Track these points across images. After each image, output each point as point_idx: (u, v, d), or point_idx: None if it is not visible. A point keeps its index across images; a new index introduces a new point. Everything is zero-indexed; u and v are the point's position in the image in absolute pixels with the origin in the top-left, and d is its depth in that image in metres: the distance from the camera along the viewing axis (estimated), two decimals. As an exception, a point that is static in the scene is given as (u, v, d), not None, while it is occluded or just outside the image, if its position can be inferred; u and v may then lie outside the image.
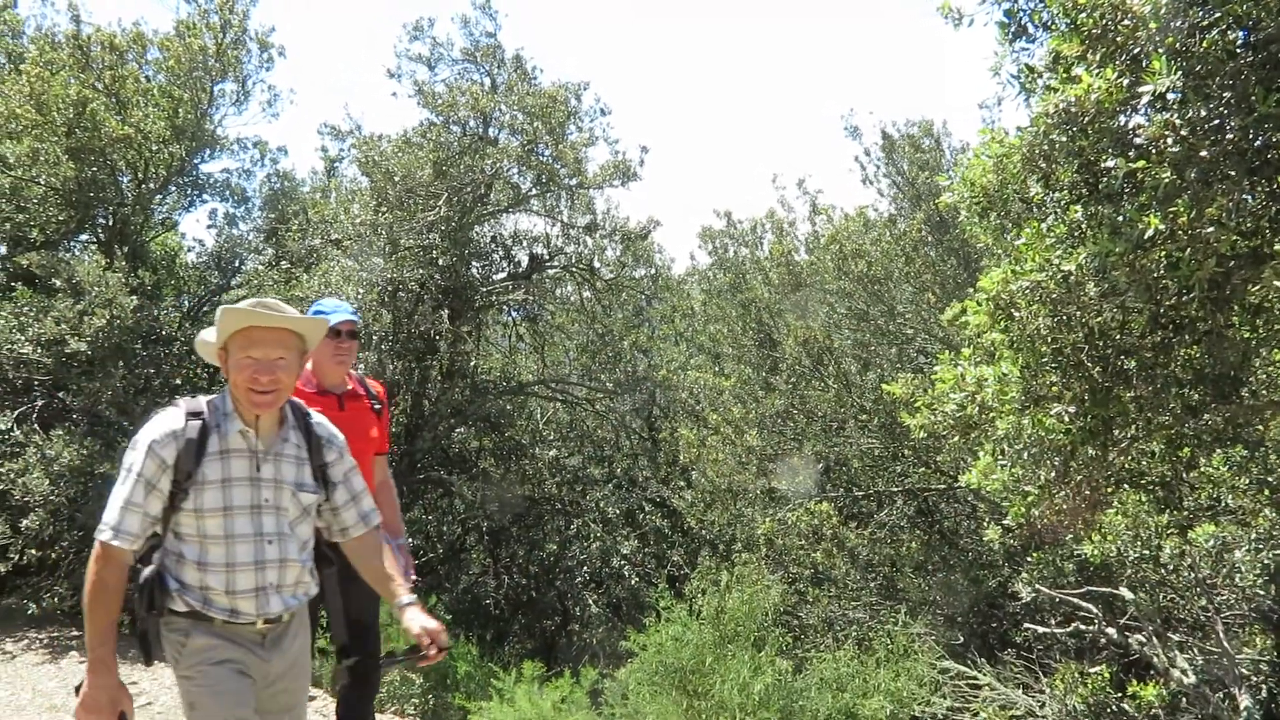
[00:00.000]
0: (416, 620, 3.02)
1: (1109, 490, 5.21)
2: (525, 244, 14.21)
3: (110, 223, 12.26)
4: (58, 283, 10.33)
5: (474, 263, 13.68)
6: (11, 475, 9.02)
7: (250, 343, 2.82)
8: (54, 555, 9.93)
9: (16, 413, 9.70)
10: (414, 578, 3.84)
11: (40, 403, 10.04)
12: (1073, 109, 4.10)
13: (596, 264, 14.31)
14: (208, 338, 2.96)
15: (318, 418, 3.09)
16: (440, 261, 12.12)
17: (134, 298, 10.24)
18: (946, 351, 5.26)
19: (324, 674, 7.12)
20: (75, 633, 9.53)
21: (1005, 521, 5.86)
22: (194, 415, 2.82)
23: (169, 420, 2.80)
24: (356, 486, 3.11)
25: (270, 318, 2.84)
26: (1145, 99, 3.85)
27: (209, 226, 15.54)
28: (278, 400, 2.87)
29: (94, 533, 2.73)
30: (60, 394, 10.14)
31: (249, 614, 2.83)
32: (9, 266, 11.77)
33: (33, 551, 9.43)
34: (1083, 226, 4.43)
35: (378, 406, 4.26)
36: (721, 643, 6.24)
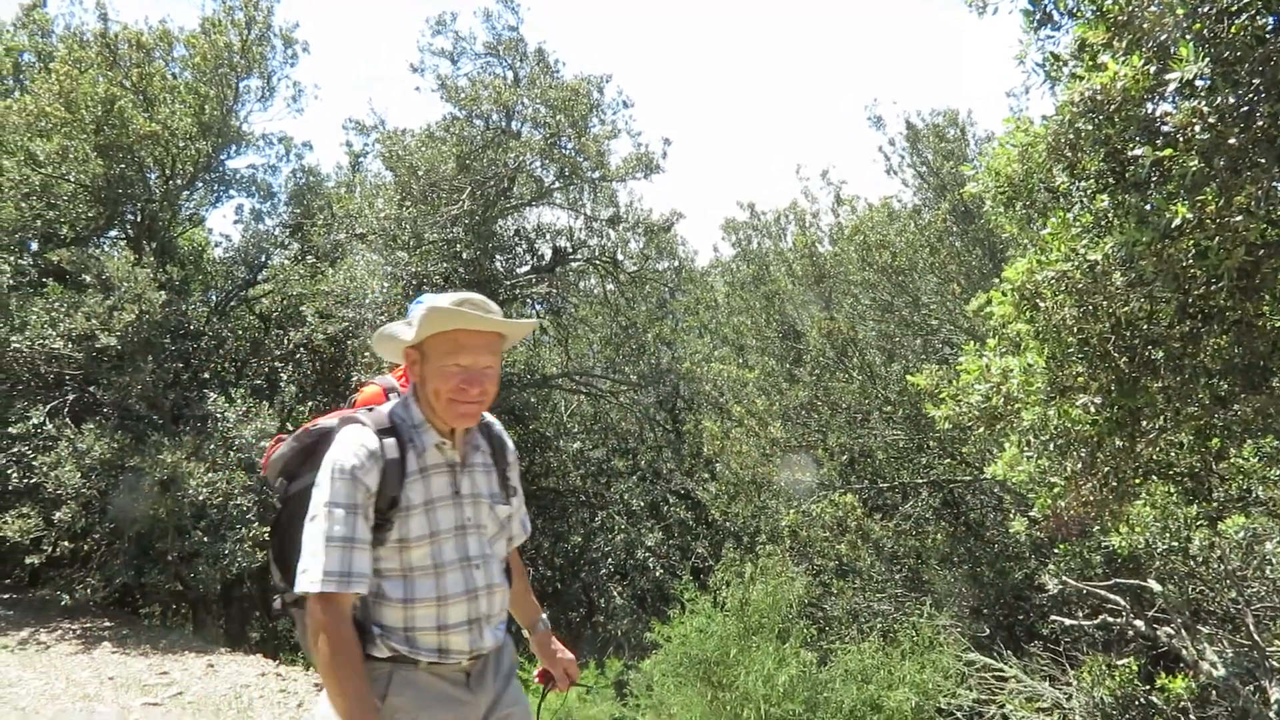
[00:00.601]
0: (552, 649, 2.84)
1: (1137, 482, 5.17)
2: (549, 237, 14.25)
3: (139, 219, 12.40)
4: (88, 278, 10.47)
5: (498, 256, 13.72)
6: (44, 468, 9.15)
7: (457, 347, 2.41)
8: (85, 547, 10.09)
9: (49, 406, 9.84)
10: None
11: (71, 397, 10.18)
12: (1098, 97, 4.06)
13: (620, 257, 14.33)
14: (398, 333, 2.46)
15: (491, 418, 2.70)
16: (464, 255, 12.17)
17: (162, 293, 10.36)
18: (972, 342, 5.22)
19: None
20: (107, 623, 9.68)
21: (1031, 513, 5.83)
22: (386, 432, 2.41)
23: (362, 440, 2.36)
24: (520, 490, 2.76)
25: (483, 320, 2.42)
26: (1172, 86, 3.80)
27: (235, 222, 15.69)
28: (482, 412, 2.51)
29: (299, 587, 2.25)
30: (91, 388, 10.28)
31: (459, 651, 2.43)
32: (40, 263, 11.92)
33: (65, 543, 9.58)
34: (1109, 215, 4.40)
35: None
36: (746, 634, 6.24)
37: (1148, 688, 5.79)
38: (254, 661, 8.31)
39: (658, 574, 12.30)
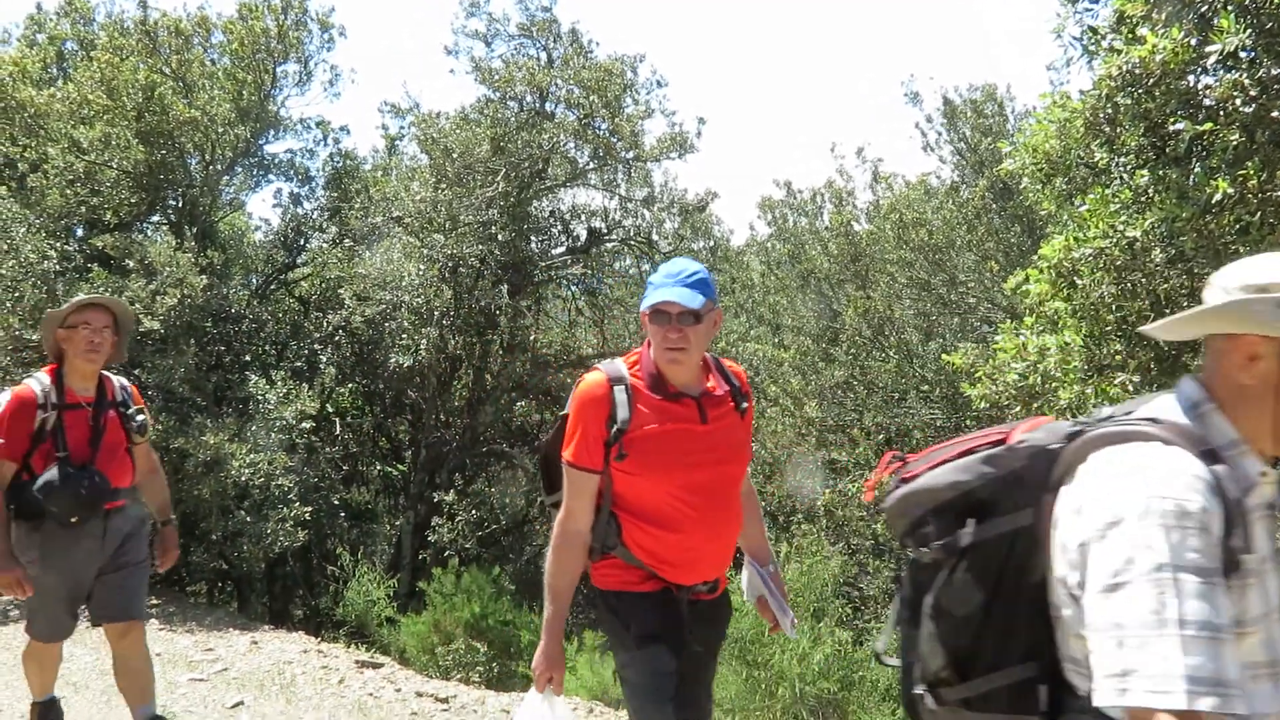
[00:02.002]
0: None
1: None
2: (583, 218, 14.25)
3: (180, 204, 12.57)
4: (131, 264, 10.64)
5: (533, 237, 13.76)
6: (92, 450, 9.33)
7: None
8: (134, 527, 10.29)
9: (95, 389, 10.02)
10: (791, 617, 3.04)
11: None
12: (1137, 70, 4.01)
13: (655, 237, 14.31)
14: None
15: None
16: (499, 237, 12.22)
17: (204, 277, 10.51)
18: (1009, 321, 5.17)
19: None
20: (154, 601, 9.88)
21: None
22: (1208, 455, 1.60)
23: (1189, 466, 1.56)
24: None
25: None
26: (1213, 59, 3.74)
27: (274, 206, 15.83)
28: None
29: (1131, 699, 1.43)
30: (136, 371, 10.46)
31: None
32: (85, 248, 12.14)
33: (114, 523, 9.77)
34: (1149, 191, 4.34)
35: (744, 405, 2.92)
36: (781, 613, 6.26)
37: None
38: (296, 638, 8.46)
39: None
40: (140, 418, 4.19)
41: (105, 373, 4.16)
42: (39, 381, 3.96)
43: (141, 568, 4.26)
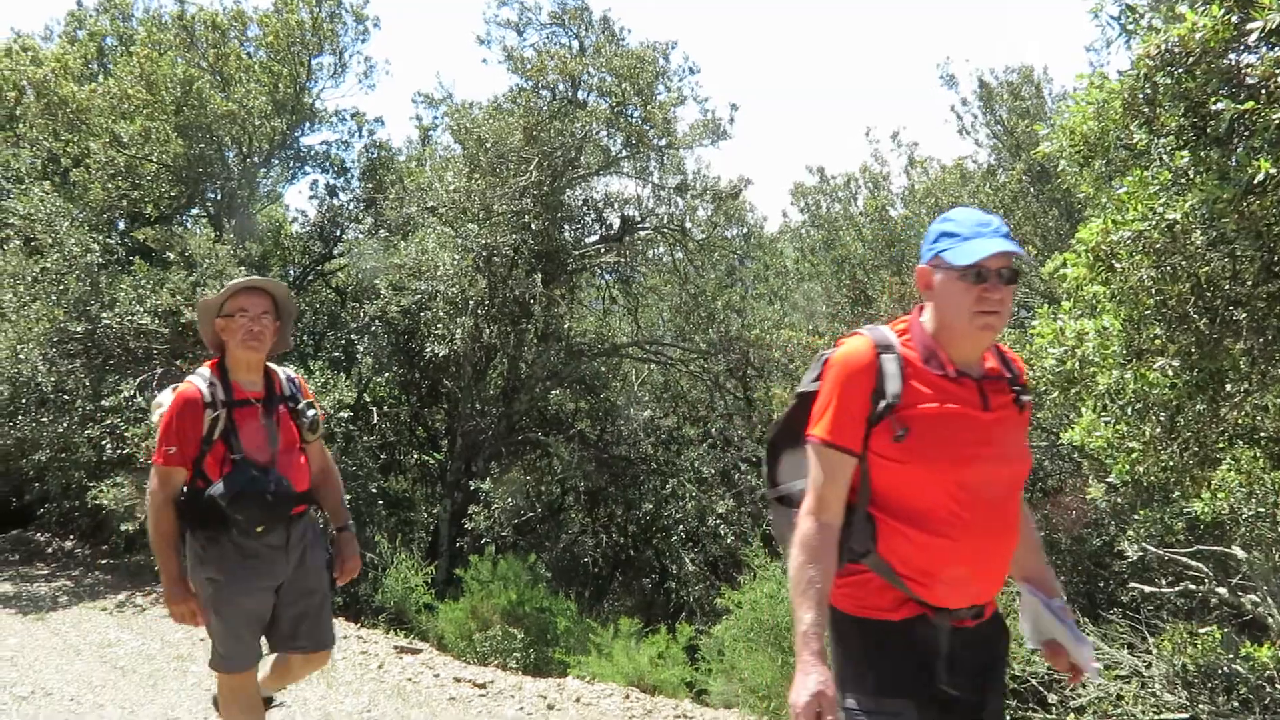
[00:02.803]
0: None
1: (1220, 446, 5.03)
2: (616, 206, 14.26)
3: (218, 196, 12.74)
4: (171, 256, 10.81)
5: (566, 226, 13.79)
6: (135, 439, 9.51)
7: None
8: (176, 515, 10.47)
9: (138, 380, 10.20)
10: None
11: (160, 370, 10.53)
12: (1176, 49, 3.94)
13: (688, 224, 14.29)
14: None
15: None
16: (533, 226, 12.26)
17: (242, 269, 10.64)
18: (1045, 305, 5.12)
19: None
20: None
21: (1109, 479, 5.72)
22: None
23: None
24: None
25: None
26: (1254, 36, 3.66)
27: (311, 197, 15.99)
28: None
29: None
30: (178, 362, 10.62)
31: None
32: (127, 241, 12.34)
33: (158, 511, 9.94)
34: (1189, 173, 4.26)
35: (1024, 399, 2.47)
36: (816, 600, 6.25)
37: (1231, 656, 5.66)
38: (336, 624, 8.56)
39: (729, 541, 12.34)
40: (311, 413, 3.74)
41: (270, 364, 3.74)
42: (202, 378, 3.56)
43: (327, 586, 3.82)
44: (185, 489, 3.51)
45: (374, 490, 11.79)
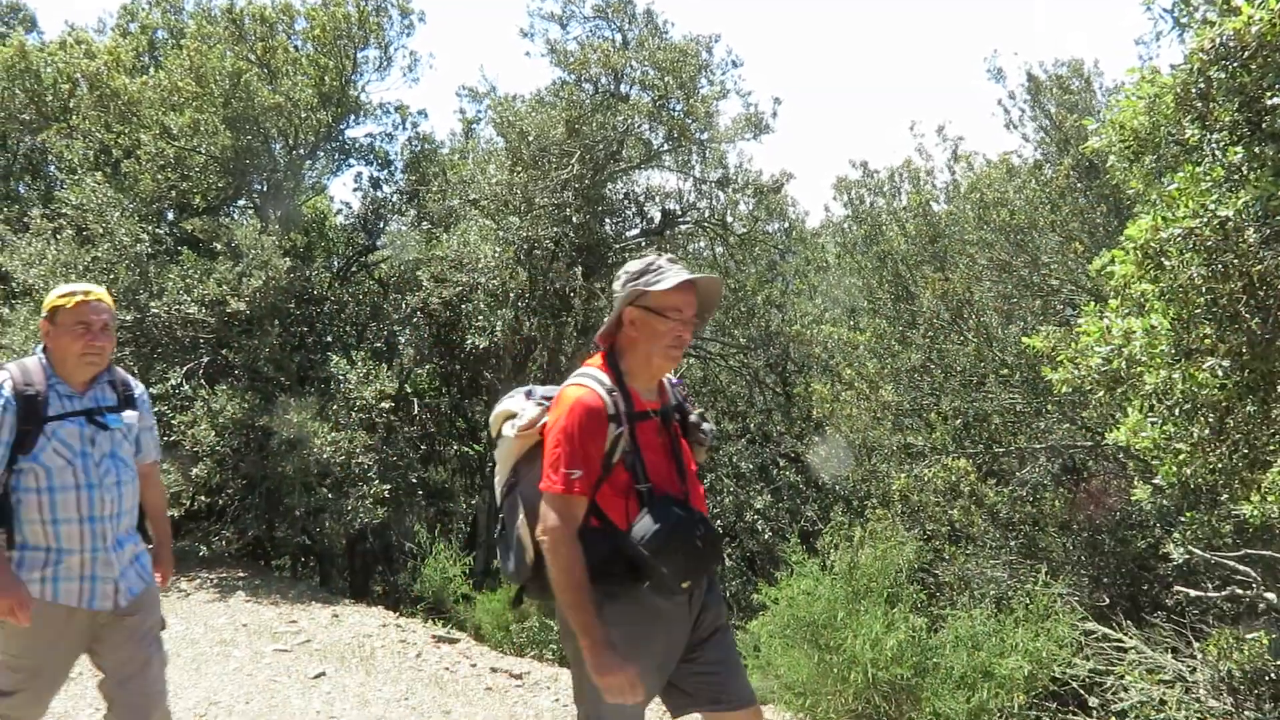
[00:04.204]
0: None
1: (1271, 449, 4.93)
2: (658, 200, 14.26)
3: (264, 188, 12.89)
4: (218, 246, 10.97)
5: (607, 220, 13.81)
6: (182, 427, 9.68)
7: None
8: (220, 502, 10.66)
9: (185, 369, 10.38)
10: None
11: (206, 359, 10.71)
12: (1231, 43, 3.86)
13: (729, 219, 14.24)
14: None
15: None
16: (574, 219, 12.29)
17: (287, 259, 10.78)
18: (1092, 303, 5.05)
19: None
20: (241, 574, 10.22)
21: (1156, 481, 5.62)
22: None
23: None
24: None
25: None
26: (1313, 29, 3.58)
27: (355, 189, 16.12)
28: None
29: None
30: (223, 351, 10.79)
31: None
32: (176, 231, 12.54)
33: (202, 498, 10.13)
34: (1242, 169, 4.18)
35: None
36: (854, 598, 6.22)
37: (1279, 662, 5.55)
38: (376, 613, 8.68)
39: (766, 536, 12.31)
40: (707, 426, 3.06)
41: None
42: (598, 381, 2.82)
43: (728, 627, 3.07)
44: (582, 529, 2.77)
45: (414, 480, 11.90)
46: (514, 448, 2.97)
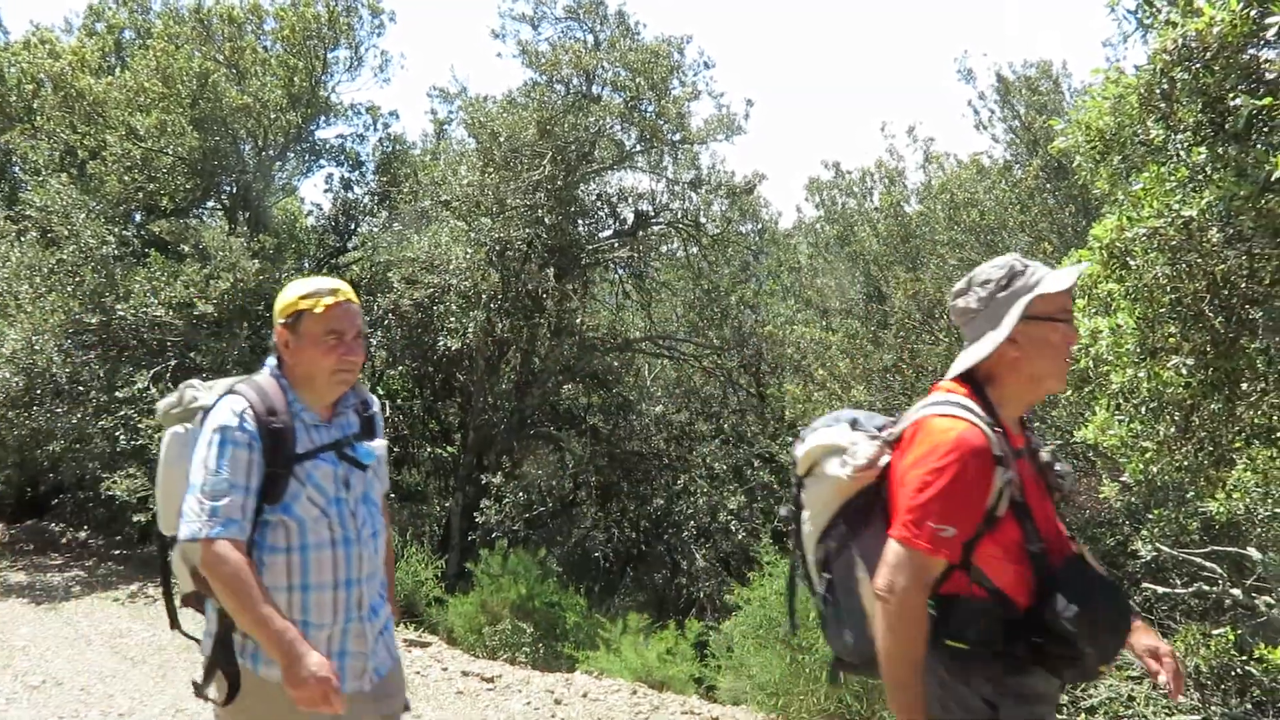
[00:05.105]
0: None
1: (1236, 446, 4.97)
2: (630, 201, 14.23)
3: (234, 190, 12.77)
4: (185, 248, 10.85)
5: (580, 221, 13.78)
6: (149, 431, 9.56)
7: None
8: (189, 507, 10.53)
9: (152, 372, 10.26)
10: None
11: (173, 362, 10.60)
12: (1194, 44, 3.89)
13: (702, 219, 14.24)
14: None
15: None
16: (546, 220, 12.25)
17: (255, 261, 10.68)
18: (1059, 303, 5.06)
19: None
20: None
21: (1123, 478, 5.66)
22: None
23: None
24: None
25: None
26: (1273, 30, 3.61)
27: (325, 191, 16.03)
28: None
29: None
30: (191, 354, 10.68)
31: None
32: (143, 233, 12.40)
33: (171, 503, 10.00)
34: (1206, 169, 4.22)
35: None
36: (826, 598, 6.22)
37: (1245, 658, 5.60)
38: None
39: (740, 537, 12.32)
40: (1061, 466, 2.44)
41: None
42: (972, 412, 2.24)
43: None
44: (943, 597, 2.20)
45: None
46: (841, 490, 2.35)
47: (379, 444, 2.75)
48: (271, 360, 2.61)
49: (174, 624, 2.78)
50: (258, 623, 2.30)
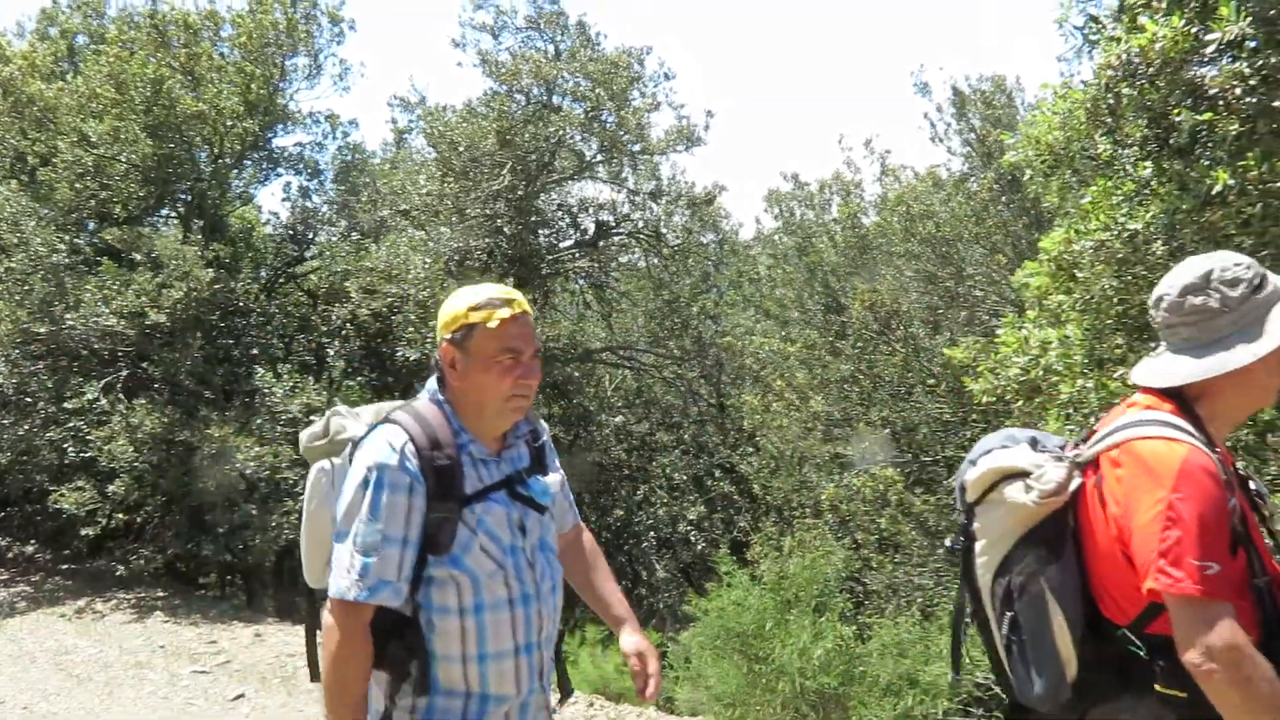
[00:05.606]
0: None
1: (1185, 455, 5.03)
2: (591, 211, 14.23)
3: (189, 198, 12.60)
4: (138, 256, 10.69)
5: (540, 231, 13.74)
6: (99, 443, 9.39)
7: None
8: (139, 520, 10.36)
9: (103, 382, 10.08)
10: None
11: (125, 373, 10.41)
12: (1137, 60, 3.95)
13: (663, 230, 14.27)
14: None
15: None
16: (506, 230, 12.21)
17: (210, 270, 10.53)
18: (1010, 314, 5.13)
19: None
20: (160, 594, 9.95)
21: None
22: None
23: None
24: None
25: None
26: (1213, 47, 3.68)
27: (284, 199, 15.83)
28: None
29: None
30: (143, 364, 10.51)
31: None
32: (95, 241, 12.19)
33: (120, 516, 9.83)
34: (1152, 184, 4.29)
35: None
36: (783, 608, 6.24)
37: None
38: (300, 631, 8.47)
39: (700, 547, 12.33)
40: (1256, 484, 2.12)
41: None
42: (1186, 433, 1.97)
43: None
44: (1152, 638, 1.95)
45: (342, 495, 11.68)
46: (1025, 518, 2.11)
47: (554, 479, 2.34)
48: (432, 383, 2.21)
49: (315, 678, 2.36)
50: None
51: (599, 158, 13.45)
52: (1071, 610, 2.05)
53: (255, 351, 11.81)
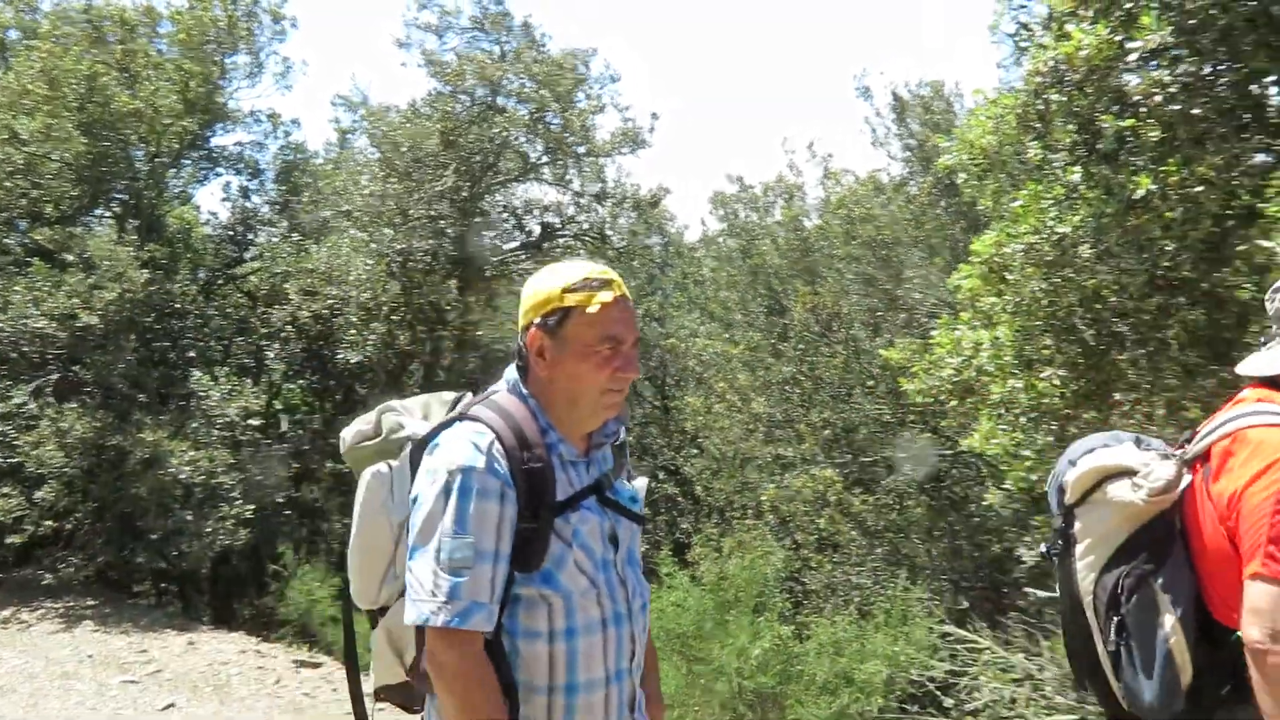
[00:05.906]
0: None
1: (1112, 454, 5.13)
2: (536, 213, 14.20)
3: (126, 197, 12.33)
4: (70, 257, 10.43)
5: (485, 233, 13.66)
6: (26, 448, 9.15)
7: None
8: (69, 527, 10.10)
9: (32, 386, 9.83)
10: None
11: (55, 376, 10.16)
12: (1063, 66, 4.04)
13: (608, 232, 14.27)
14: None
15: None
16: (450, 232, 12.12)
17: (145, 271, 10.32)
18: (945, 315, 5.21)
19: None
20: (90, 602, 9.71)
21: (1005, 485, 5.83)
22: None
23: None
24: None
25: None
26: (1135, 55, 3.77)
27: (223, 199, 15.58)
28: None
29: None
30: (75, 367, 10.26)
31: None
32: (26, 241, 11.88)
33: (48, 523, 9.59)
34: (1080, 188, 4.38)
35: None
36: (722, 609, 6.27)
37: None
38: (235, 639, 8.34)
39: (643, 549, 12.34)
40: None
41: None
42: None
43: None
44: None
45: (282, 500, 11.52)
46: (1132, 517, 2.05)
47: (641, 483, 2.06)
48: (511, 372, 1.93)
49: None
50: None
51: (544, 159, 13.41)
52: (1185, 612, 1.99)
53: (192, 354, 11.60)
